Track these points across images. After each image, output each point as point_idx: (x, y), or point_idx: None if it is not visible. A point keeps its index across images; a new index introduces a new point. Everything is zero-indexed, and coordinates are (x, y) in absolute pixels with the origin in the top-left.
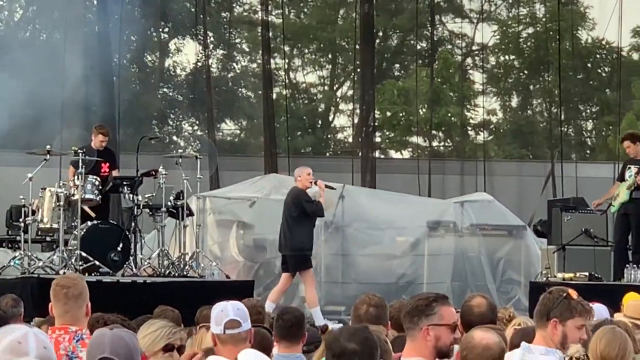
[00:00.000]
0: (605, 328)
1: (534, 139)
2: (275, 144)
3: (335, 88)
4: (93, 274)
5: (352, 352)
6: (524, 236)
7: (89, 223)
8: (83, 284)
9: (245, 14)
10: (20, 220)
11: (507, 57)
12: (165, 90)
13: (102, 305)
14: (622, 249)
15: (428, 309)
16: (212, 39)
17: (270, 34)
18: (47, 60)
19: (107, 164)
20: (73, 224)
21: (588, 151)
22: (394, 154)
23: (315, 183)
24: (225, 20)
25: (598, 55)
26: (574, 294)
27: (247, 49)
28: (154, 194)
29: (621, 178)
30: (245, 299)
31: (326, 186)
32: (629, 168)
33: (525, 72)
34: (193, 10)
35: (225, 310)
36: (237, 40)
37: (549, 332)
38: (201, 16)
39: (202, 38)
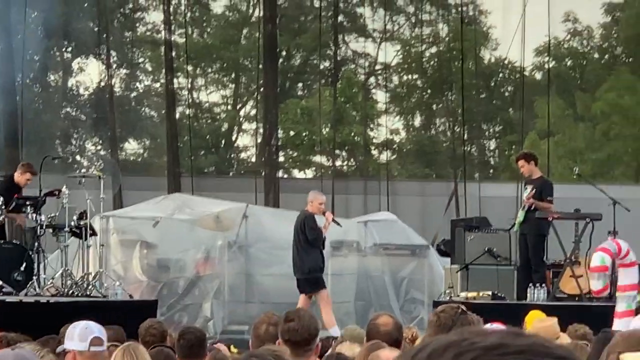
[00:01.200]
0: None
1: (437, 158)
2: (179, 163)
3: (238, 107)
4: None
5: None
6: (427, 255)
7: None
8: None
9: (148, 33)
10: None
11: (410, 76)
12: (68, 109)
13: (5, 325)
14: (527, 268)
15: None
16: (115, 58)
17: (174, 53)
18: None
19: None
20: None
21: (491, 170)
22: (297, 173)
23: (324, 214)
24: (128, 39)
25: (501, 75)
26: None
27: (150, 69)
28: (57, 214)
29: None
30: (148, 319)
31: (333, 220)
32: (526, 189)
33: (429, 91)
34: (96, 29)
35: (89, 328)
36: (141, 60)
37: None
38: (104, 36)
39: (105, 57)
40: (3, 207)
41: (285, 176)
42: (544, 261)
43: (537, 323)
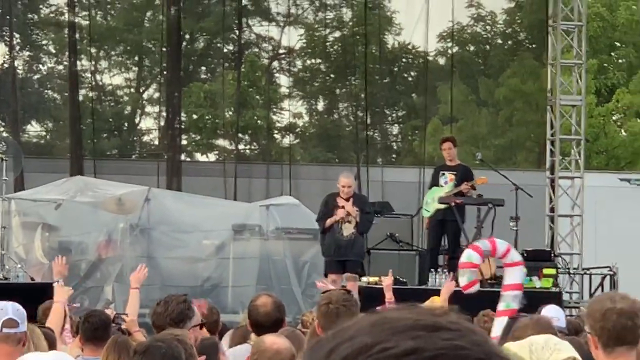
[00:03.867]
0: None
1: (340, 142)
2: (81, 146)
3: (141, 90)
4: None
5: None
6: None
7: None
8: None
9: (52, 15)
10: None
11: (313, 61)
12: None
13: None
14: (435, 254)
15: None
16: (18, 40)
17: (77, 35)
18: None
19: None
20: None
21: (394, 155)
22: (200, 156)
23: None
24: (31, 21)
25: (404, 60)
26: None
27: (53, 51)
28: None
29: (435, 183)
30: (47, 300)
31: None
32: (443, 174)
33: (332, 76)
34: None
35: (4, 309)
36: (44, 42)
37: None
38: (7, 17)
39: (8, 39)
40: None
41: (188, 159)
42: (462, 247)
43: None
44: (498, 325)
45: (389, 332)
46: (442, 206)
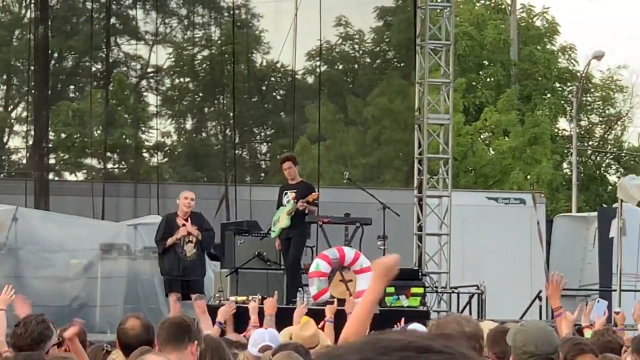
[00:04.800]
0: (281, 354)
1: (208, 161)
2: None
3: (10, 109)
4: None
5: None
6: None
7: None
8: None
9: None
10: None
11: (182, 79)
12: None
13: None
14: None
15: None
16: None
17: None
18: None
19: None
20: None
21: (262, 174)
22: (68, 175)
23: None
24: None
25: (273, 79)
26: None
27: None
28: None
29: (280, 203)
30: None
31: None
32: (286, 194)
33: (201, 94)
34: None
35: None
36: None
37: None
38: None
39: None
40: None
41: (57, 179)
42: (299, 263)
43: (298, 332)
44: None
45: (378, 352)
46: (286, 225)
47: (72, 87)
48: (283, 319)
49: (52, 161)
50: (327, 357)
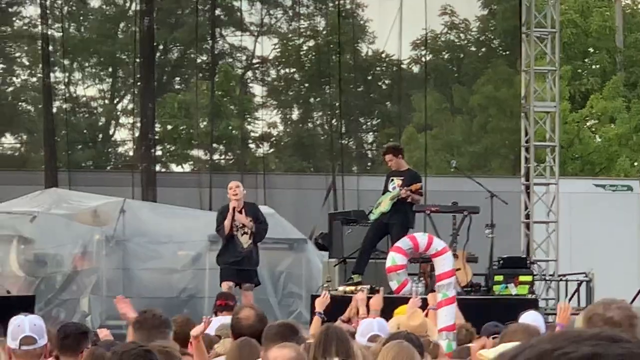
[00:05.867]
0: (392, 343)
1: (314, 151)
2: (56, 158)
3: (115, 102)
4: None
5: None
6: (305, 249)
7: None
8: None
9: (25, 27)
10: None
11: (287, 70)
12: None
13: None
14: (368, 250)
15: None
16: None
17: (51, 47)
18: None
19: None
20: None
21: (369, 164)
22: (174, 167)
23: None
24: (4, 34)
25: (378, 68)
26: None
27: (27, 63)
28: None
29: (385, 190)
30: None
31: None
32: (392, 180)
33: (306, 85)
34: None
35: (22, 326)
36: (17, 54)
37: None
38: None
39: None
40: None
41: (163, 170)
42: None
43: (406, 321)
44: (441, 317)
45: (569, 341)
46: (386, 210)
47: (177, 78)
48: (389, 308)
49: (158, 153)
50: (519, 349)
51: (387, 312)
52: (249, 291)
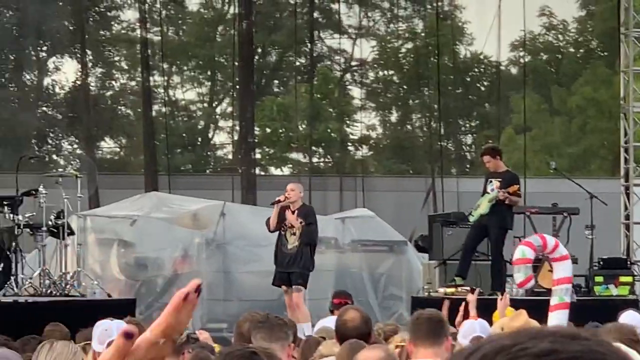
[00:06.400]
0: None
1: (413, 154)
2: (155, 161)
3: (214, 105)
4: None
5: None
6: (405, 251)
7: None
8: None
9: (123, 31)
10: None
11: (386, 72)
12: (44, 109)
13: None
14: (469, 252)
15: None
16: (90, 57)
17: (149, 51)
18: None
19: None
20: None
21: (468, 166)
22: (274, 170)
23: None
24: (103, 38)
25: (477, 70)
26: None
27: (126, 67)
28: (34, 213)
29: (484, 191)
30: (127, 317)
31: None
32: (490, 182)
33: (405, 87)
34: (71, 28)
35: (109, 330)
36: (116, 58)
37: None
38: (80, 34)
39: (80, 56)
40: None
41: (262, 173)
42: (502, 255)
43: (509, 323)
44: (553, 320)
45: (529, 337)
46: (485, 212)
47: (276, 81)
48: (489, 309)
49: (257, 156)
50: (477, 345)
51: (487, 314)
52: (297, 292)
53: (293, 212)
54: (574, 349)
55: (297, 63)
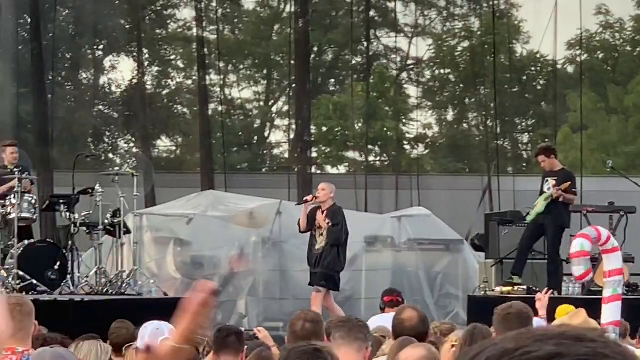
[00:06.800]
0: None
1: (470, 152)
2: (212, 160)
3: (270, 104)
4: (30, 293)
5: None
6: (461, 250)
7: (26, 242)
8: (31, 303)
9: (180, 30)
10: None
11: (442, 71)
12: (100, 107)
13: (40, 324)
14: (525, 251)
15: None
16: (147, 55)
17: (205, 50)
18: None
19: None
20: (10, 242)
21: (524, 164)
22: (330, 169)
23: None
24: (160, 37)
25: (533, 69)
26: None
27: (182, 66)
28: (90, 212)
29: (541, 191)
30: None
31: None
32: (547, 181)
33: (461, 85)
34: (128, 27)
35: (160, 329)
36: (172, 57)
37: None
38: (136, 33)
39: (137, 55)
40: (36, 206)
41: (319, 172)
42: (559, 254)
43: (567, 321)
44: (607, 312)
45: (533, 340)
46: (541, 210)
47: (332, 80)
48: (547, 308)
49: (314, 155)
50: (481, 348)
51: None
52: (317, 292)
53: (323, 212)
54: (579, 351)
55: (354, 62)
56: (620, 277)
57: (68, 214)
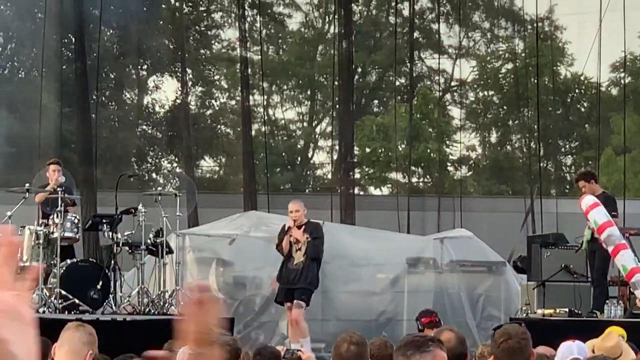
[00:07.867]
0: None
1: (513, 174)
2: (255, 180)
3: (314, 124)
4: (72, 312)
5: None
6: (503, 272)
7: (69, 261)
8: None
9: (223, 50)
10: None
11: (486, 92)
12: (144, 127)
13: None
14: (602, 279)
15: (424, 346)
16: (190, 76)
17: (249, 70)
18: (26, 97)
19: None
20: (52, 262)
21: (568, 187)
22: (373, 190)
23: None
24: (203, 57)
25: (577, 91)
26: None
27: (225, 86)
28: (133, 232)
29: None
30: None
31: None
32: None
33: (504, 107)
34: (172, 47)
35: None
36: (216, 77)
37: None
38: (179, 53)
39: (180, 75)
40: (79, 225)
41: (362, 193)
42: (606, 277)
43: (600, 343)
44: None
45: None
46: (589, 238)
47: (375, 101)
48: (589, 331)
49: (357, 176)
50: None
51: (584, 336)
52: (297, 309)
53: (299, 227)
54: None
55: (397, 83)
56: None
57: (111, 233)
